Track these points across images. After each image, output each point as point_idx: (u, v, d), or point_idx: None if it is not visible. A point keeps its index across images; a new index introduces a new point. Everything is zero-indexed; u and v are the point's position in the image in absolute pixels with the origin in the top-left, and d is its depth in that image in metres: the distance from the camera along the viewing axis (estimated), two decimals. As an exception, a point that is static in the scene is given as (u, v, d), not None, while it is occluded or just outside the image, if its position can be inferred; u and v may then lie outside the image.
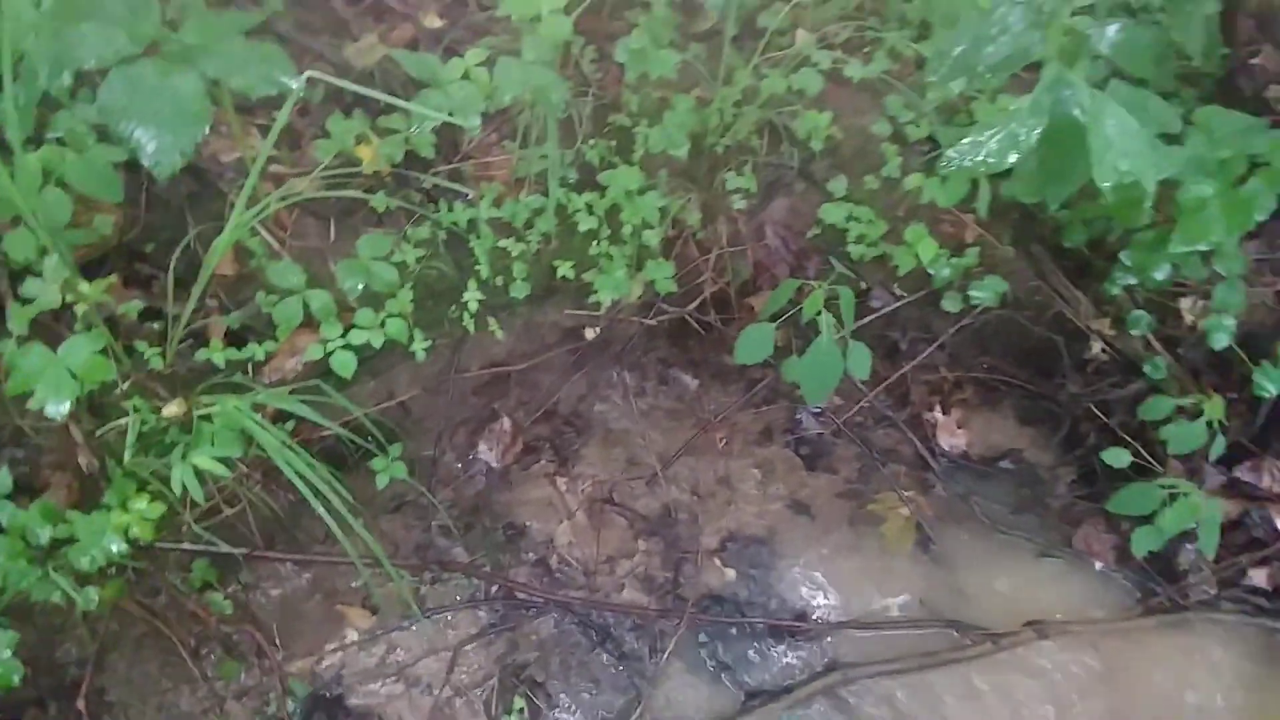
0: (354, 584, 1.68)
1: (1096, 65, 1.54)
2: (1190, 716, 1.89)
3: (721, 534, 2.03)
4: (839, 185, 1.97)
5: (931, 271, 1.92)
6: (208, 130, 1.20)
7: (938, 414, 2.28)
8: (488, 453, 1.86)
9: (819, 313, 1.71)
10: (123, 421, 1.26)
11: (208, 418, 1.24)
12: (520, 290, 1.74)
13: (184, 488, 1.22)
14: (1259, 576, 1.99)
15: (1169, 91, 2.14)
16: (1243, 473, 1.96)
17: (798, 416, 2.24)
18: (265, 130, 1.52)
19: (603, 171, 1.83)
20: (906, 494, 2.15)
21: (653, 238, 1.81)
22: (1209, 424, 1.81)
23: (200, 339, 1.49)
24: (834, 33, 2.15)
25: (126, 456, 1.24)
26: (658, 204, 1.74)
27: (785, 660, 1.83)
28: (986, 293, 1.94)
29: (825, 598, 1.96)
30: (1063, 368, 2.12)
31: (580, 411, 2.09)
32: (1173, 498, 1.84)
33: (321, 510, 1.32)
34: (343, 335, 1.47)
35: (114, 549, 1.21)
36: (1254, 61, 2.01)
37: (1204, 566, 1.98)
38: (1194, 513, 1.82)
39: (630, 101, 1.91)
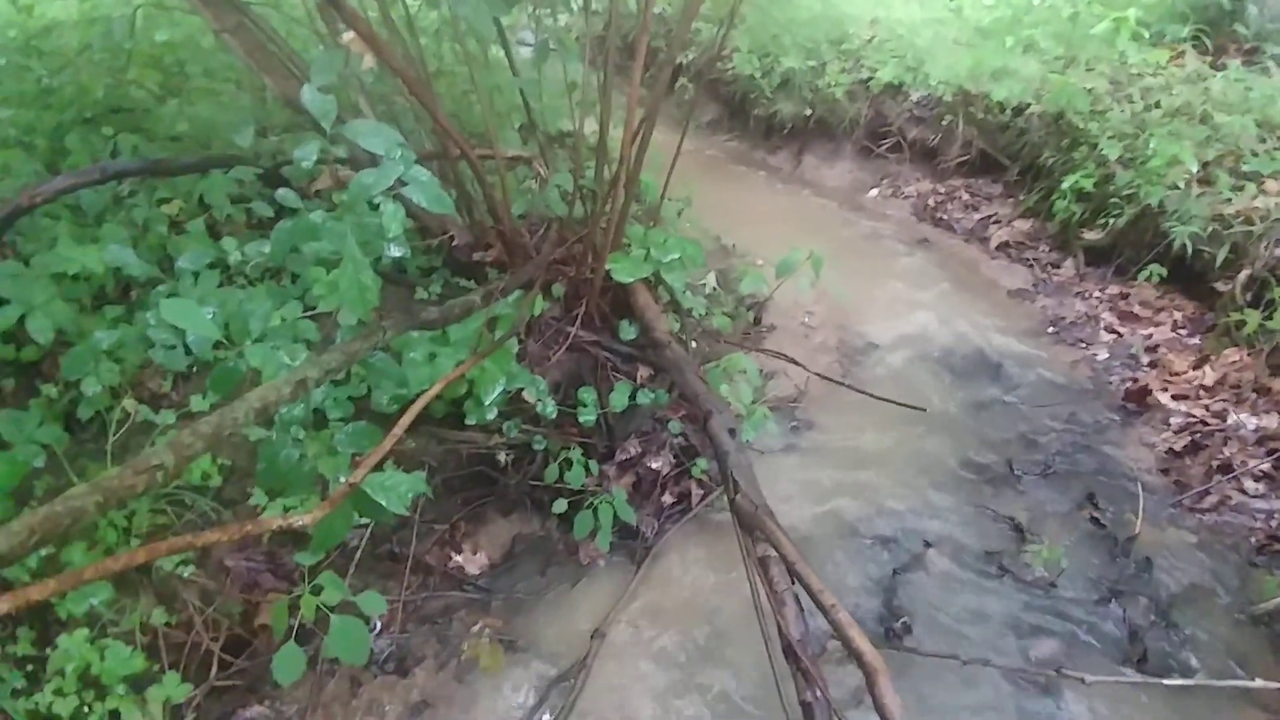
0: None
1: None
2: (712, 584, 2.93)
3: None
4: (260, 496, 2.33)
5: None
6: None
7: (457, 557, 2.91)
8: None
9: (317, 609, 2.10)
10: None
11: None
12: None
13: None
14: (667, 498, 3.17)
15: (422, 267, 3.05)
16: (620, 458, 3.07)
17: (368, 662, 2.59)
18: None
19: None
20: (475, 628, 2.74)
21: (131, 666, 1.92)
22: (581, 461, 2.79)
23: None
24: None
25: None
26: (125, 655, 1.86)
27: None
28: (417, 487, 2.57)
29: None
30: (499, 474, 2.93)
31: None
32: (597, 508, 2.81)
33: None
34: None
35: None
36: (457, 243, 3.00)
37: (644, 518, 3.05)
38: (611, 507, 2.82)
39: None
